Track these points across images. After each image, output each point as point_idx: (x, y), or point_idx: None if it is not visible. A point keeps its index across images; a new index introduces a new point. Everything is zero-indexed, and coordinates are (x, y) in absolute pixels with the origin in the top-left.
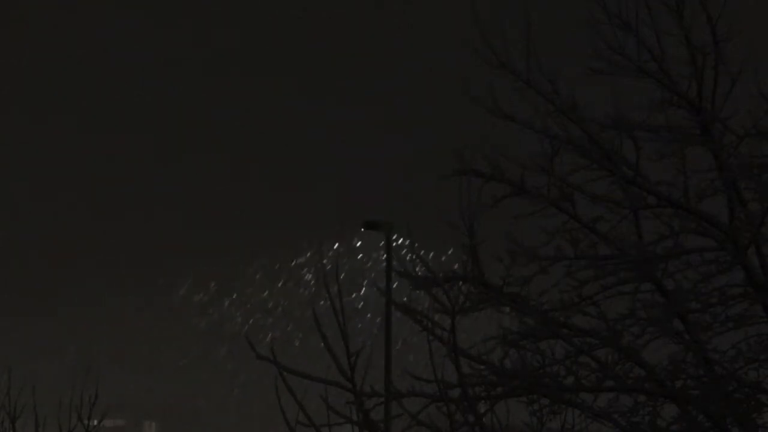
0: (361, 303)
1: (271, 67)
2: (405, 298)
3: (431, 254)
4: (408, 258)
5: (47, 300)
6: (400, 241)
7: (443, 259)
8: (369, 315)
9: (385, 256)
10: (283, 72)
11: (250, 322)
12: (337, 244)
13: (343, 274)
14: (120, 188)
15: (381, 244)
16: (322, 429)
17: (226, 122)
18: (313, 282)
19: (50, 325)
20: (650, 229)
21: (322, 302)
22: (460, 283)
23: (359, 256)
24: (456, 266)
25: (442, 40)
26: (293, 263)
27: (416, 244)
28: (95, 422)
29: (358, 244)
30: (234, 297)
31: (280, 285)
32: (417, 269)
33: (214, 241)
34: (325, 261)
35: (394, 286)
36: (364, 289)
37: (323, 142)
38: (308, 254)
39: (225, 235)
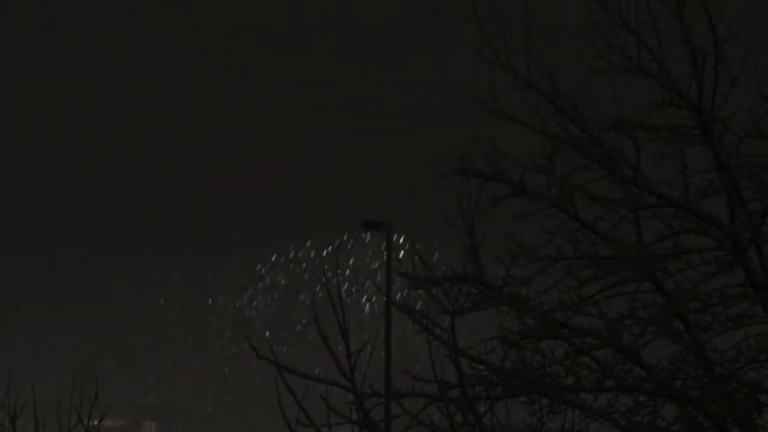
0: (364, 302)
1: (272, 67)
2: (399, 295)
3: (431, 254)
4: (408, 258)
5: (48, 300)
6: (400, 241)
7: (443, 259)
8: (368, 315)
9: (385, 256)
10: (284, 72)
11: (251, 322)
12: (336, 243)
13: (347, 277)
14: (120, 188)
15: (381, 246)
16: (322, 429)
17: (227, 122)
18: (313, 281)
19: (50, 325)
20: (650, 229)
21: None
22: (460, 283)
23: (359, 256)
24: (455, 266)
25: (443, 41)
26: (294, 263)
27: (416, 245)
28: (95, 422)
29: (358, 244)
30: (234, 297)
31: (280, 284)
32: (417, 269)
33: (215, 241)
34: (324, 259)
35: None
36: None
37: (323, 142)
38: (308, 254)
39: (225, 234)
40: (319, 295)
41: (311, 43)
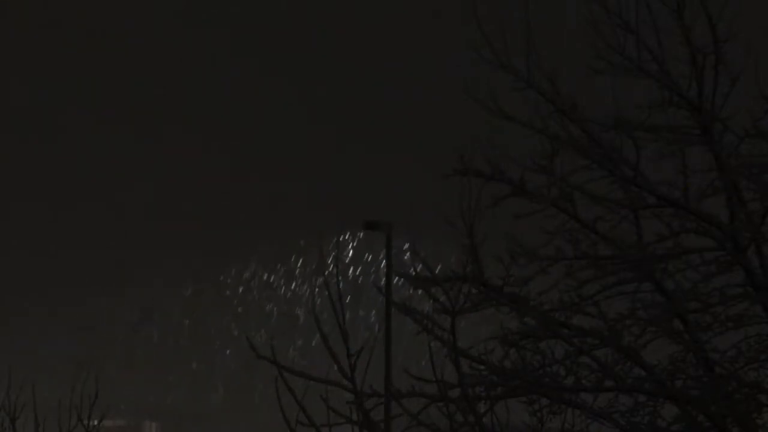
0: (361, 303)
1: (272, 67)
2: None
3: (432, 254)
4: (408, 258)
5: (48, 300)
6: (400, 242)
7: (444, 259)
8: (369, 315)
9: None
10: (284, 72)
11: (251, 322)
12: (336, 243)
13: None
14: (120, 188)
15: (381, 245)
16: (322, 429)
17: (227, 122)
18: (313, 281)
19: (51, 325)
20: (650, 229)
21: (320, 301)
22: (460, 283)
23: (359, 256)
24: (455, 266)
25: (443, 41)
26: (293, 263)
27: (416, 244)
28: (95, 422)
29: (358, 243)
30: (234, 297)
31: (280, 285)
32: (417, 269)
33: (215, 242)
34: (325, 260)
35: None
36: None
37: (323, 142)
38: (308, 254)
39: (225, 235)
40: (319, 294)
41: (311, 43)
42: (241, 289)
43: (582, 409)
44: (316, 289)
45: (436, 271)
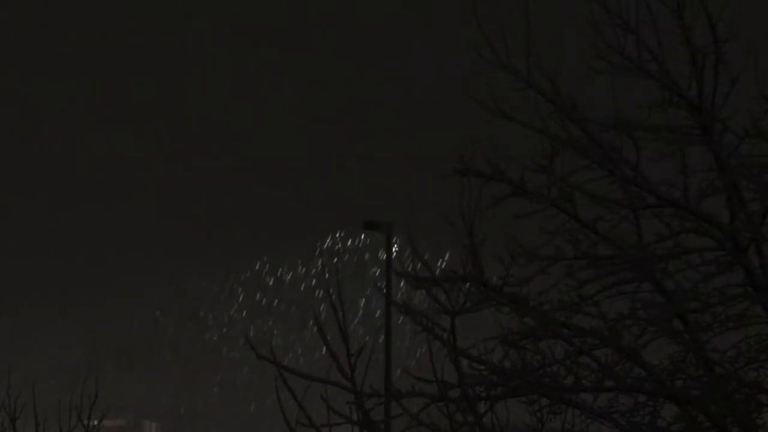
0: (363, 302)
1: (272, 67)
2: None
3: (432, 254)
4: (408, 258)
5: (48, 300)
6: (399, 241)
7: (443, 259)
8: (369, 315)
9: (385, 256)
10: (284, 72)
11: (251, 322)
12: (336, 243)
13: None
14: (120, 188)
15: (381, 245)
16: (322, 429)
17: (227, 122)
18: (313, 282)
19: (51, 325)
20: (650, 229)
21: (322, 304)
22: (460, 283)
23: (359, 256)
24: (455, 266)
25: (443, 41)
26: (293, 263)
27: (416, 244)
28: (95, 422)
29: (358, 244)
30: (235, 297)
31: (280, 285)
32: (417, 269)
33: (216, 242)
34: (324, 260)
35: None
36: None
37: (323, 142)
38: (308, 254)
39: (226, 235)
40: (319, 294)
41: (311, 43)
42: (241, 290)
43: (582, 409)
44: (319, 292)
45: (436, 271)
